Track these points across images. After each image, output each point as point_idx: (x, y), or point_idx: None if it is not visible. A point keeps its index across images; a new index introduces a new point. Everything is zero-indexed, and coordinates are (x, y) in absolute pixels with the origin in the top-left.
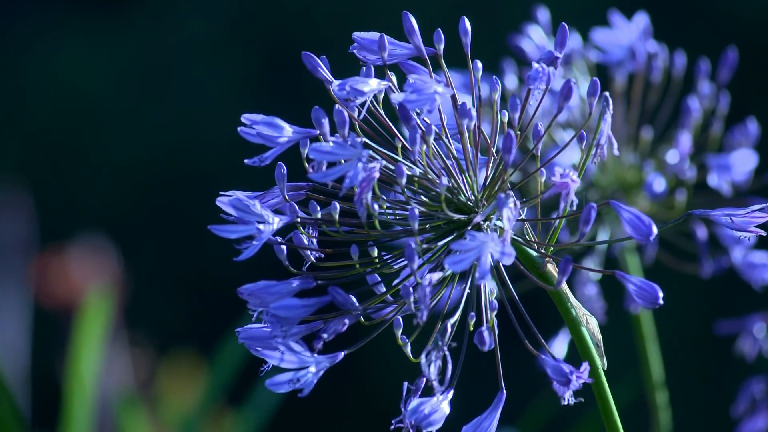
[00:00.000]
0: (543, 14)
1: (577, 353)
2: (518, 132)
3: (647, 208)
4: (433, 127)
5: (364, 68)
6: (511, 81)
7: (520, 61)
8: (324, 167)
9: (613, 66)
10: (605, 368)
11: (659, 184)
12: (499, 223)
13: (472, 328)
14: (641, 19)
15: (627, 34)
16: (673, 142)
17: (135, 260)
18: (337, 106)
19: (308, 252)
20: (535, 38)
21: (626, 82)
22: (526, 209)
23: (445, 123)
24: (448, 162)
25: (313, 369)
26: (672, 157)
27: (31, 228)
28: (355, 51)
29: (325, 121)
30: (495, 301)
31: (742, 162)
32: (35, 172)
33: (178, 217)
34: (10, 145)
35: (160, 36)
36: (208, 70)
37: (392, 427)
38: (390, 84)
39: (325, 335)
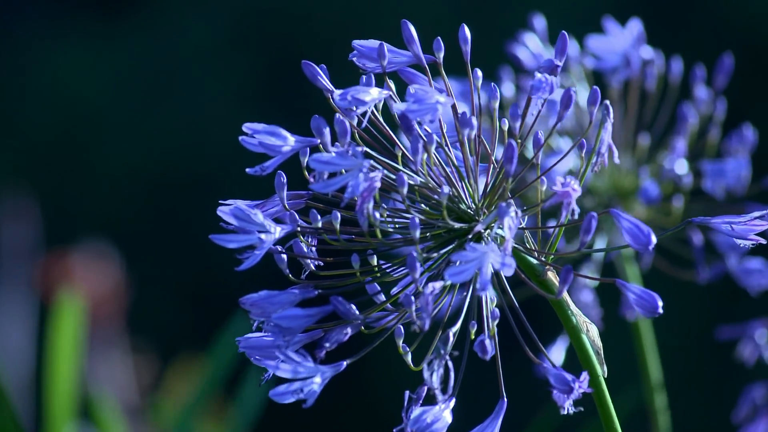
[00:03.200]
0: (539, 22)
1: (575, 361)
2: (519, 140)
3: (644, 214)
4: (434, 137)
5: (365, 77)
6: (507, 89)
7: (516, 68)
8: (325, 177)
9: (608, 72)
10: (606, 376)
11: (653, 189)
12: (500, 231)
13: (473, 337)
14: (635, 26)
15: (621, 41)
16: (669, 148)
17: (138, 266)
18: (338, 115)
19: (308, 261)
20: (531, 46)
21: (622, 88)
22: (526, 217)
23: (444, 131)
24: (449, 170)
25: (318, 379)
26: (669, 162)
27: (37, 234)
28: (354, 59)
29: (326, 131)
30: (496, 310)
31: (736, 168)
32: (38, 178)
33: (181, 222)
34: (13, 151)
35: (161, 42)
36: (209, 75)
37: None
38: (390, 93)
39: (327, 345)
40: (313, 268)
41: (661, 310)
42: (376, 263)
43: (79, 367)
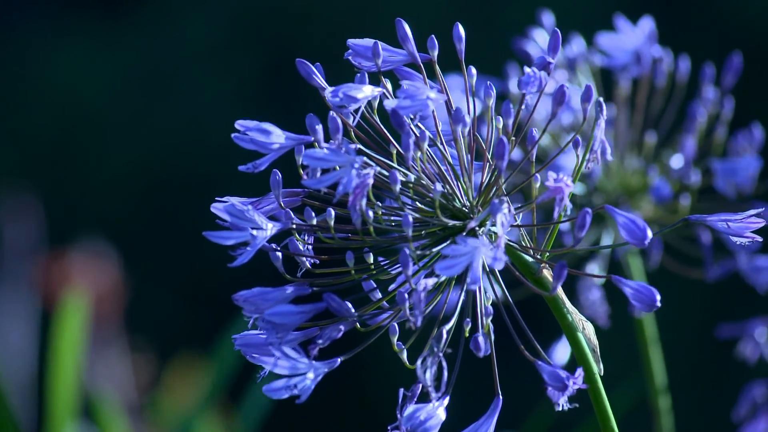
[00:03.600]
0: (548, 18)
1: (574, 359)
2: (513, 138)
3: (651, 212)
4: (427, 133)
5: (359, 75)
6: (515, 85)
7: (524, 64)
8: (318, 174)
9: (617, 70)
10: (602, 374)
11: (665, 188)
12: (494, 228)
13: (468, 334)
14: (647, 24)
15: (632, 39)
16: (677, 147)
17: (136, 264)
18: (330, 112)
19: (303, 258)
20: (540, 42)
21: (631, 86)
22: (521, 215)
23: (440, 129)
24: (443, 168)
25: (311, 375)
26: (676, 161)
27: (38, 234)
28: (350, 57)
29: (319, 128)
30: (490, 307)
31: (747, 166)
32: (38, 178)
33: (179, 221)
34: (14, 150)
35: (160, 41)
36: (208, 75)
37: None
38: (384, 90)
39: (320, 341)
40: (309, 265)
41: (659, 304)
42: (372, 261)
43: (82, 368)
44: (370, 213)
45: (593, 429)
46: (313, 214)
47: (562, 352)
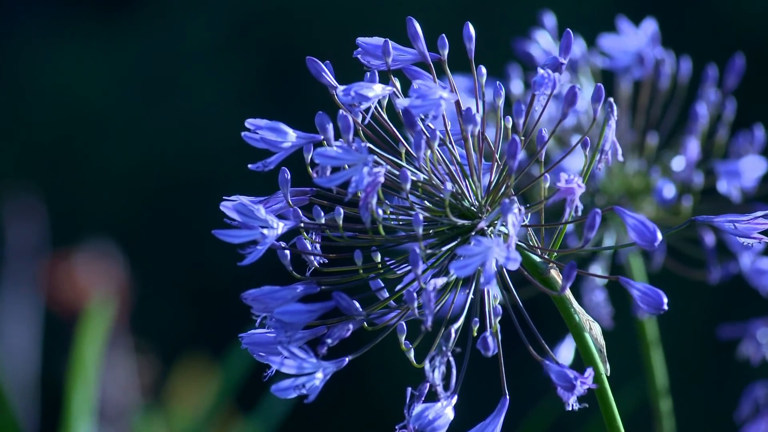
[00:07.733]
0: (549, 19)
1: (578, 359)
2: (523, 138)
3: (653, 214)
4: (438, 133)
5: (368, 73)
6: (516, 86)
7: (525, 66)
8: (328, 172)
9: (619, 72)
10: (608, 374)
11: (669, 190)
12: (503, 228)
13: (476, 334)
14: (649, 25)
15: (635, 40)
16: (679, 149)
17: (140, 266)
18: (341, 111)
19: (312, 257)
20: (542, 43)
21: (632, 88)
22: (530, 214)
23: (449, 128)
24: (452, 167)
25: (320, 375)
26: (679, 163)
27: (41, 235)
28: (359, 56)
29: (330, 126)
30: (499, 307)
31: (751, 168)
32: (41, 179)
33: (183, 222)
34: (16, 151)
35: (161, 42)
36: (209, 75)
37: None
38: (394, 89)
39: (329, 341)
40: (317, 264)
41: (666, 307)
42: (379, 260)
43: (102, 372)
44: (380, 211)
45: (598, 429)
46: (322, 212)
47: (566, 352)
